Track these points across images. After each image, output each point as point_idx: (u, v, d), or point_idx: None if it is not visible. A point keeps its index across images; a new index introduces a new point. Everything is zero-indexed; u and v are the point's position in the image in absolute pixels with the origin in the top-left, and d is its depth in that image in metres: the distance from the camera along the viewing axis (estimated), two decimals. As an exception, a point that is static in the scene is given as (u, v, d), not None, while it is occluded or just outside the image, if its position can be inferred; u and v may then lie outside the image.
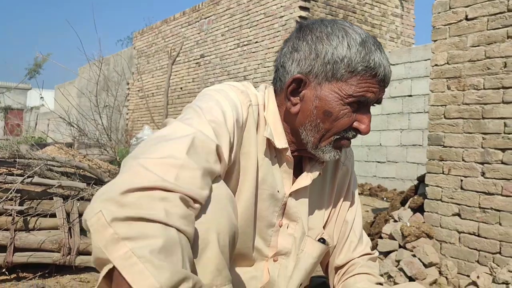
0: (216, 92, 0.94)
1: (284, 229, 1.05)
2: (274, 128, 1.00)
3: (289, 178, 1.04)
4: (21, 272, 2.94)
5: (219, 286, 0.74)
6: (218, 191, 0.76)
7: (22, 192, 2.91)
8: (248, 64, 8.99)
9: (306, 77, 0.96)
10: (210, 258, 0.73)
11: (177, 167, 0.72)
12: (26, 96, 24.68)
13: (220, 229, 0.74)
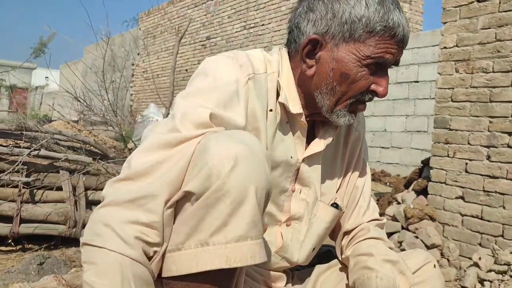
0: (212, 80, 0.89)
1: (297, 194, 1.04)
2: (288, 93, 0.98)
3: (302, 143, 1.02)
4: (27, 244, 2.98)
5: (254, 238, 0.74)
6: (255, 147, 0.75)
7: (29, 164, 2.93)
8: (254, 47, 8.94)
9: (322, 38, 0.93)
10: (247, 210, 0.72)
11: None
12: (31, 75, 24.69)
13: (258, 184, 0.73)
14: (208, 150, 0.73)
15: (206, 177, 0.71)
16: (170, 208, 0.75)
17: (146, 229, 0.73)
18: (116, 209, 0.74)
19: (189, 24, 4.17)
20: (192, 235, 0.73)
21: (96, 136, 3.65)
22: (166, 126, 0.82)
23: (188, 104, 0.84)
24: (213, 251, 0.72)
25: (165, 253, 0.76)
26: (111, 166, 3.19)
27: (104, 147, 3.38)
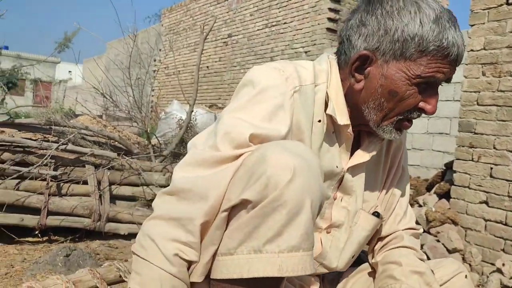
0: (258, 93, 0.90)
1: (338, 201, 1.05)
2: (336, 104, 0.98)
3: (347, 153, 1.03)
4: (53, 235, 3.06)
5: (306, 250, 0.76)
6: (312, 160, 0.77)
7: (57, 158, 3.01)
8: (275, 45, 8.94)
9: (372, 54, 0.93)
10: (302, 222, 0.74)
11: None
12: (55, 69, 25.14)
13: (313, 197, 0.75)
14: (266, 161, 0.75)
15: (264, 186, 0.74)
16: (225, 212, 0.78)
17: (184, 247, 0.79)
18: (161, 224, 0.81)
19: (214, 22, 4.20)
20: (245, 241, 0.75)
21: (121, 132, 3.72)
22: (207, 142, 0.86)
23: (232, 122, 0.86)
24: (265, 259, 0.74)
25: (215, 255, 0.79)
26: (135, 162, 3.24)
27: (128, 142, 3.44)
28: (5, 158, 2.88)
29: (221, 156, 0.82)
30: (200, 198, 0.79)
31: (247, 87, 0.92)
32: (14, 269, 2.40)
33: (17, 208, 2.81)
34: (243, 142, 0.83)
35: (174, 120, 3.80)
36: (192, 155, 0.85)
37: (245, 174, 0.78)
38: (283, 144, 0.81)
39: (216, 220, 0.79)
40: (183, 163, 0.85)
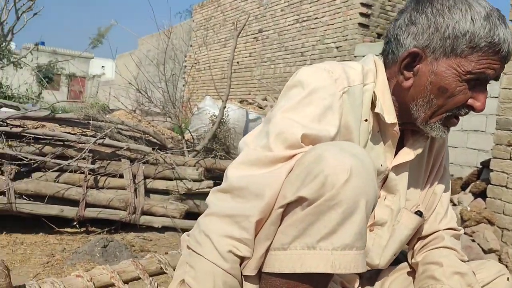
0: (308, 94, 0.92)
1: (382, 200, 1.06)
2: (383, 102, 0.99)
3: (391, 151, 1.03)
4: (90, 226, 3.16)
5: (359, 249, 0.78)
6: (367, 161, 0.79)
7: (94, 152, 3.10)
8: (306, 41, 8.90)
9: (422, 51, 0.93)
10: (356, 221, 0.76)
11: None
12: (89, 64, 25.73)
13: (368, 197, 0.77)
14: (323, 160, 0.77)
15: (321, 185, 0.75)
16: (280, 209, 0.80)
17: (238, 244, 0.81)
18: (216, 221, 0.83)
19: (247, 19, 4.22)
20: (299, 237, 0.77)
21: (155, 127, 3.79)
22: (259, 142, 0.89)
23: (284, 123, 0.88)
24: (318, 256, 0.76)
25: (269, 250, 0.81)
26: (169, 156, 3.31)
27: (162, 137, 3.50)
28: (46, 151, 2.99)
29: (274, 156, 0.84)
30: (255, 196, 0.81)
31: (297, 88, 0.94)
32: (55, 258, 2.50)
33: (57, 200, 2.92)
34: (295, 142, 0.85)
35: (206, 116, 3.84)
36: (246, 154, 0.88)
37: (301, 173, 0.79)
38: (340, 144, 0.83)
39: (271, 216, 0.81)
40: (238, 162, 0.88)
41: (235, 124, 4.04)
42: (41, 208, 2.85)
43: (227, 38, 11.54)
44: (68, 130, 3.27)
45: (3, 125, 2.94)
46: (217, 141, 3.68)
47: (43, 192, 2.85)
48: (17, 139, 2.96)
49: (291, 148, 0.85)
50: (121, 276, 1.13)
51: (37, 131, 3.02)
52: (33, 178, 2.89)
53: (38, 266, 2.37)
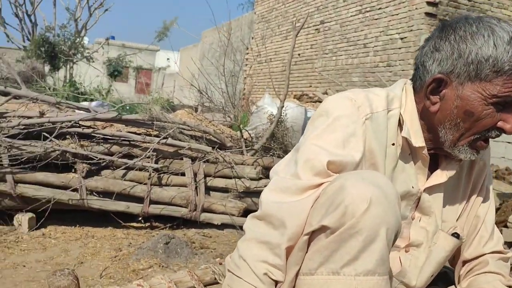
0: (332, 122, 0.98)
1: (417, 222, 1.08)
2: (410, 126, 1.02)
3: (424, 173, 1.06)
4: (154, 222, 3.33)
5: (381, 274, 0.82)
6: (388, 190, 0.83)
7: (158, 151, 3.25)
8: (369, 32, 8.68)
9: (447, 77, 0.96)
10: (377, 248, 0.81)
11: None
12: (155, 57, 26.70)
13: (389, 225, 0.81)
14: (345, 190, 0.82)
15: (342, 214, 0.81)
16: (306, 236, 0.87)
17: (272, 269, 0.88)
18: (252, 247, 0.91)
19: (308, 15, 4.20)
20: (324, 263, 0.83)
21: (216, 126, 3.90)
22: (288, 170, 0.96)
23: (310, 150, 0.95)
24: (343, 281, 0.82)
25: (298, 274, 0.88)
26: (228, 155, 3.40)
27: (222, 136, 3.60)
28: (114, 151, 3.18)
29: (302, 185, 0.91)
30: (284, 225, 0.88)
31: (322, 117, 1.00)
32: (121, 252, 2.67)
33: (124, 196, 3.10)
34: (322, 169, 0.92)
35: (265, 115, 3.89)
36: (276, 182, 0.95)
37: (325, 202, 0.85)
38: (361, 174, 0.88)
39: (299, 243, 0.88)
40: (268, 190, 0.95)
41: (293, 122, 4.06)
42: (109, 204, 3.04)
43: (289, 30, 11.50)
44: (134, 130, 3.44)
45: (76, 126, 3.16)
46: (275, 140, 3.73)
47: (111, 189, 3.04)
48: (88, 139, 3.17)
49: (318, 175, 0.91)
50: (177, 286, 1.21)
51: (106, 132, 3.21)
52: (102, 176, 3.09)
53: (107, 260, 2.54)
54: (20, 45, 14.98)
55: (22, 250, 2.64)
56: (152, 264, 2.50)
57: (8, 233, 2.89)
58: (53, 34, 13.93)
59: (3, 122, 3.02)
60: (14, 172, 2.89)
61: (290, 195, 0.91)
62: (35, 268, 2.38)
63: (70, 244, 2.78)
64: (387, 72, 8.12)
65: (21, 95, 3.27)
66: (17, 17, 15.28)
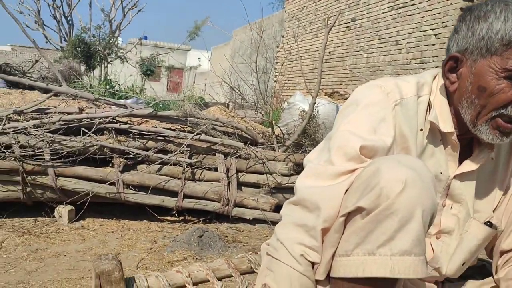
0: (362, 109, 1.00)
1: (448, 209, 1.09)
2: (440, 112, 1.04)
3: (455, 160, 1.06)
4: (187, 216, 3.40)
5: (417, 255, 0.83)
6: (423, 172, 0.84)
7: (191, 147, 3.32)
8: (401, 28, 8.55)
9: (462, 55, 0.99)
10: (413, 228, 0.82)
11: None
12: (186, 56, 27.06)
13: (424, 207, 0.82)
14: (380, 173, 0.84)
15: (377, 196, 0.82)
16: (342, 217, 0.89)
17: (308, 250, 0.91)
18: (289, 230, 0.94)
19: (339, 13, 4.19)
20: (360, 244, 0.85)
21: (247, 122, 3.95)
22: (322, 157, 0.99)
23: (342, 137, 0.97)
24: (379, 261, 0.83)
25: (334, 256, 0.90)
26: (260, 151, 3.43)
27: (254, 133, 3.64)
28: (149, 146, 3.26)
29: (336, 170, 0.93)
30: (319, 208, 0.90)
31: (352, 106, 1.03)
32: (157, 244, 2.75)
33: (159, 190, 3.18)
34: (354, 154, 0.93)
35: (296, 112, 3.91)
36: (310, 168, 0.98)
37: (360, 185, 0.87)
38: (396, 158, 0.89)
39: (335, 225, 0.90)
40: (303, 176, 0.98)
41: (324, 119, 4.06)
42: (145, 198, 3.13)
43: (319, 28, 11.45)
44: (168, 126, 3.52)
45: (113, 122, 3.26)
46: (306, 136, 3.75)
47: (146, 183, 3.13)
48: (125, 135, 3.27)
49: (351, 160, 0.93)
50: (215, 273, 1.25)
51: (141, 128, 3.30)
52: (138, 171, 3.18)
53: (143, 251, 2.62)
54: (58, 46, 15.48)
55: (62, 240, 2.76)
56: (186, 256, 2.56)
57: (49, 224, 3.01)
58: (88, 35, 14.35)
59: (45, 118, 3.14)
60: (55, 165, 3.01)
61: (324, 180, 0.93)
62: (75, 258, 2.48)
63: (107, 236, 2.88)
64: (420, 69, 7.98)
65: (62, 92, 3.40)
66: (55, 19, 15.82)
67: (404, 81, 1.05)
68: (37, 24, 15.31)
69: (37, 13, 15.43)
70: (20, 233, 2.78)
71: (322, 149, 1.01)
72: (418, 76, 1.09)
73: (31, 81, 4.02)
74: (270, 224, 3.21)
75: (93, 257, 2.49)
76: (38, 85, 3.70)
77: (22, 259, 2.40)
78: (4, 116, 3.08)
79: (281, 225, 0.96)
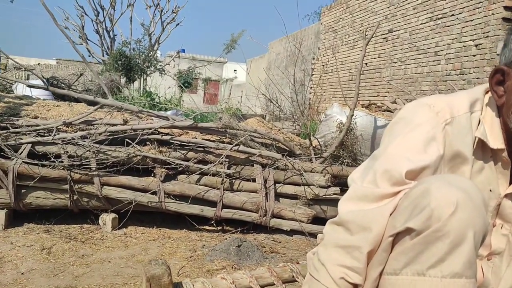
0: (411, 129, 0.99)
1: (498, 229, 1.06)
2: (490, 128, 1.02)
3: (506, 178, 1.04)
4: (226, 226, 3.46)
5: (468, 277, 0.83)
6: (474, 194, 0.84)
7: (230, 158, 3.39)
8: (440, 39, 8.41)
9: (508, 68, 0.97)
10: (465, 251, 0.82)
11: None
12: (222, 68, 27.44)
13: (476, 228, 0.82)
14: (430, 194, 0.84)
15: (427, 217, 0.82)
16: (391, 237, 0.89)
17: (349, 272, 0.92)
18: (330, 251, 0.95)
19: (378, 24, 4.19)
20: (409, 264, 0.85)
21: (285, 134, 3.98)
22: (366, 178, 0.98)
23: (389, 160, 0.97)
24: (428, 282, 0.83)
25: (382, 274, 0.91)
26: (297, 163, 3.46)
27: (291, 144, 3.67)
28: (189, 157, 3.35)
29: (380, 193, 0.93)
30: (363, 230, 0.92)
31: (400, 124, 1.02)
32: (196, 253, 2.81)
33: (198, 200, 3.26)
34: (399, 179, 0.93)
35: (334, 123, 3.92)
36: (354, 190, 0.98)
37: (409, 205, 0.87)
38: (446, 178, 0.88)
39: (383, 244, 0.90)
40: (347, 197, 0.99)
41: (362, 131, 4.05)
42: (185, 207, 3.21)
43: (356, 39, 11.40)
44: (208, 137, 3.60)
45: (155, 133, 3.37)
46: (344, 148, 3.74)
47: (186, 193, 3.21)
48: (166, 146, 3.37)
49: (396, 185, 0.93)
50: (258, 281, 1.29)
51: (182, 139, 3.40)
52: (178, 180, 3.27)
53: (183, 259, 2.69)
54: (100, 60, 16.05)
55: (107, 247, 2.86)
56: (225, 265, 2.61)
57: (94, 231, 3.13)
58: (129, 48, 14.80)
59: (91, 129, 3.29)
60: (101, 175, 3.14)
61: (368, 203, 0.94)
62: (119, 264, 2.57)
63: (149, 244, 2.96)
64: (460, 80, 7.81)
65: (108, 104, 3.54)
66: (97, 33, 16.41)
67: (456, 98, 1.04)
68: (81, 39, 15.94)
69: (81, 28, 16.08)
70: (67, 239, 2.90)
71: (366, 168, 1.01)
72: (470, 91, 1.08)
73: (78, 94, 4.20)
74: (308, 235, 3.22)
75: (136, 264, 2.58)
76: (85, 98, 3.87)
77: (69, 264, 2.51)
78: (54, 127, 3.24)
79: (323, 246, 0.98)
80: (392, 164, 0.95)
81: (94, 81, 7.59)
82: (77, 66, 20.32)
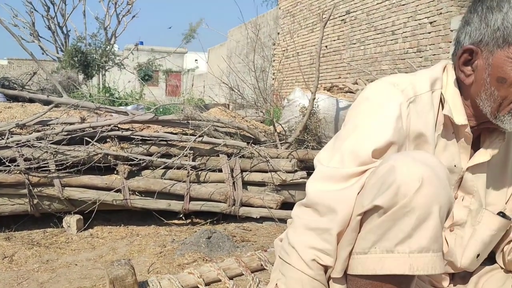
0: (376, 108, 1.00)
1: (459, 201, 1.08)
2: (453, 105, 1.03)
3: (467, 152, 1.06)
4: (195, 218, 3.42)
5: (435, 251, 0.84)
6: (439, 169, 0.85)
7: (194, 149, 3.34)
8: (397, 18, 8.55)
9: (476, 47, 0.97)
10: (430, 225, 0.83)
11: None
12: (183, 59, 27.07)
13: (441, 204, 0.83)
14: (396, 171, 0.84)
15: (394, 194, 0.83)
16: (359, 216, 0.89)
17: (320, 254, 0.92)
18: (300, 233, 0.95)
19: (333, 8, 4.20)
20: (378, 242, 0.86)
21: (249, 122, 3.96)
22: (332, 159, 0.98)
23: (355, 139, 0.97)
24: (397, 258, 0.84)
25: (351, 254, 0.91)
26: (263, 150, 3.44)
27: (256, 131, 3.65)
28: (152, 151, 3.28)
29: (348, 173, 0.94)
30: (331, 211, 0.91)
31: (365, 104, 1.02)
32: (166, 248, 2.76)
33: (165, 195, 3.20)
34: (366, 158, 0.94)
35: (297, 108, 3.92)
36: (321, 171, 0.98)
37: (376, 183, 0.87)
38: (412, 154, 0.89)
39: (352, 223, 0.90)
40: (314, 178, 0.98)
41: (325, 113, 4.07)
42: (151, 203, 3.15)
43: (314, 23, 11.45)
44: (170, 130, 3.54)
45: (115, 129, 3.28)
46: (308, 132, 3.75)
47: (152, 189, 3.15)
48: (128, 141, 3.29)
49: (362, 164, 0.93)
50: (226, 272, 1.27)
51: (143, 133, 3.31)
52: (143, 176, 3.20)
53: (153, 256, 2.64)
54: (54, 57, 15.52)
55: (72, 250, 2.78)
56: (196, 258, 2.57)
57: (58, 235, 3.03)
58: (84, 44, 14.37)
59: (47, 130, 3.16)
60: (61, 176, 3.03)
61: (335, 183, 0.93)
62: (86, 266, 2.50)
63: (117, 243, 2.90)
64: (418, 58, 7.98)
65: (63, 102, 3.42)
66: (49, 29, 15.84)
67: (417, 77, 1.05)
68: (32, 36, 15.35)
69: (32, 25, 15.47)
70: (30, 245, 2.80)
71: (333, 148, 1.01)
72: (430, 70, 1.08)
73: (32, 94, 4.03)
74: (277, 221, 3.22)
75: (104, 264, 2.51)
76: (38, 97, 3.72)
77: (33, 271, 2.42)
78: (6, 130, 3.10)
79: (292, 228, 0.97)
80: (358, 143, 0.96)
81: (49, 80, 7.32)
82: (31, 65, 19.57)
